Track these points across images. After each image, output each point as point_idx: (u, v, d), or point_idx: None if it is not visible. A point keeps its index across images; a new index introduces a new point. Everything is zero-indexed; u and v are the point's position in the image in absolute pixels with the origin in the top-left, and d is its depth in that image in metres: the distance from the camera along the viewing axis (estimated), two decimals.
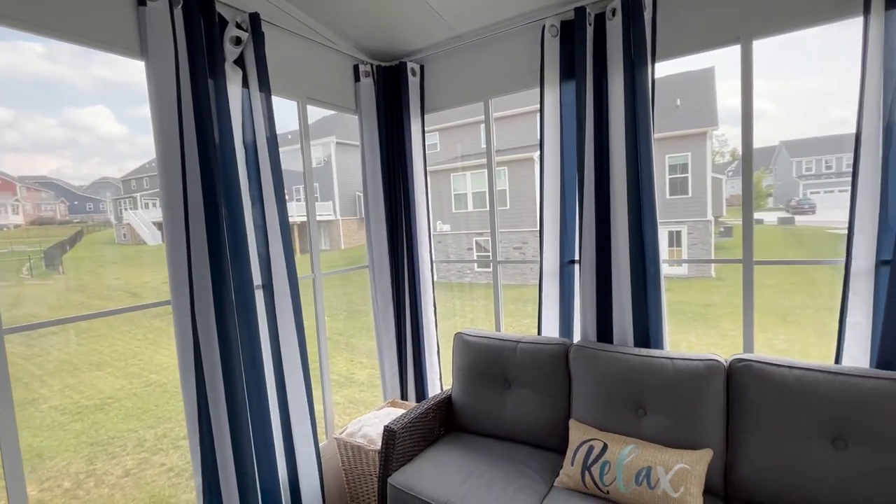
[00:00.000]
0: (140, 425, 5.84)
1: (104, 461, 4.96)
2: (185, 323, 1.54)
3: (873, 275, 1.57)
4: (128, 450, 5.19)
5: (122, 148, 26.18)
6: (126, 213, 16.67)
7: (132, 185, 17.88)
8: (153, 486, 4.48)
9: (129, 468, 4.81)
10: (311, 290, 2.27)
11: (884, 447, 1.34)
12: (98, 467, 4.84)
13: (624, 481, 1.55)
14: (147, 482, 4.56)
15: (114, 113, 30.01)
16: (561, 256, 2.14)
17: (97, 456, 5.08)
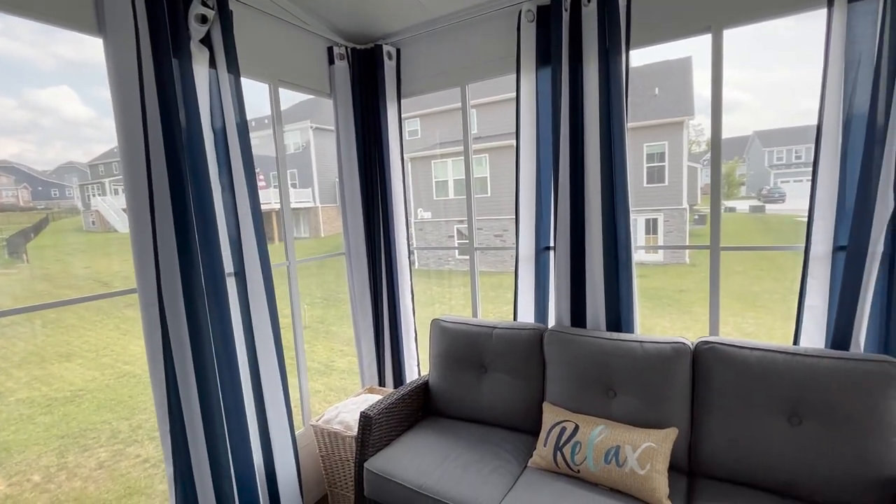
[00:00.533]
0: (114, 417, 5.72)
1: (76, 454, 4.85)
2: (152, 311, 1.51)
3: (830, 260, 1.64)
4: (101, 442, 5.09)
5: (88, 131, 24.95)
6: (94, 199, 16.04)
7: (100, 169, 17.17)
8: (128, 478, 4.41)
9: (103, 460, 4.72)
10: (287, 278, 2.24)
11: (834, 422, 1.42)
12: (70, 460, 4.73)
13: (594, 460, 1.60)
14: (122, 473, 4.49)
15: (78, 94, 28.49)
16: (536, 243, 2.17)
17: (69, 449, 4.97)
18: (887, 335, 1.56)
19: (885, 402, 1.37)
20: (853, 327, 1.57)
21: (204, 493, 1.63)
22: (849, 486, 1.38)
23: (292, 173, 17.23)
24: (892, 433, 1.36)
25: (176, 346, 1.55)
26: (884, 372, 1.38)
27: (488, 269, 12.99)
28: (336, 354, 7.74)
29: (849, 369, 1.43)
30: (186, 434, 1.59)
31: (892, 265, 1.53)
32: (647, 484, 1.49)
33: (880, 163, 1.48)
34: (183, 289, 1.56)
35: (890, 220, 1.50)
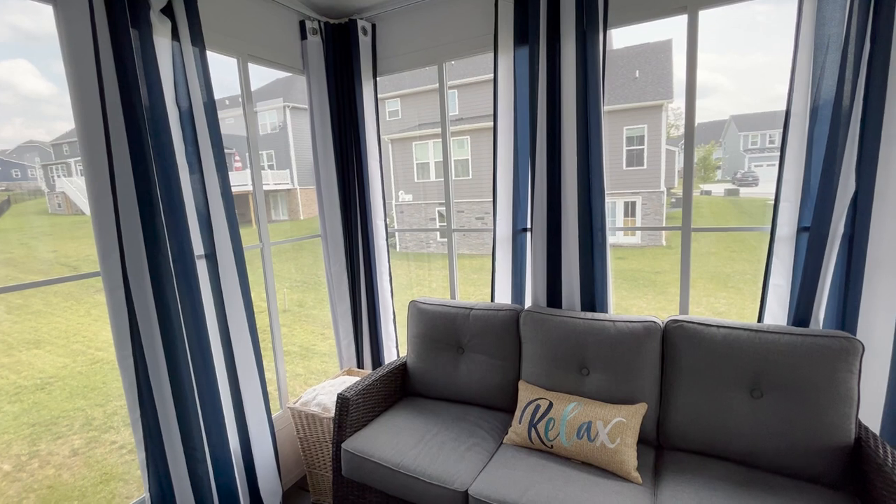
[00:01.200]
0: (87, 404, 5.61)
1: (49, 441, 4.75)
2: (117, 294, 1.46)
3: (794, 240, 1.69)
4: (74, 429, 4.99)
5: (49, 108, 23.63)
6: (59, 180, 15.34)
7: (64, 149, 16.37)
8: (104, 464, 4.35)
9: (77, 447, 4.64)
10: (263, 261, 2.20)
11: (793, 395, 1.49)
12: (42, 448, 4.64)
13: (566, 436, 1.65)
14: (98, 460, 4.42)
15: (38, 68, 26.82)
16: (513, 225, 2.17)
17: (41, 437, 4.86)
18: (844, 312, 1.63)
19: (840, 375, 1.44)
20: (813, 305, 1.64)
21: (178, 478, 1.62)
22: (805, 454, 1.45)
23: (269, 154, 16.78)
24: (846, 404, 1.43)
25: (144, 330, 1.52)
26: (840, 347, 1.45)
27: (470, 252, 13.04)
28: (317, 338, 7.72)
29: (808, 345, 1.49)
30: (159, 419, 1.57)
31: (852, 245, 1.59)
32: (616, 457, 1.55)
33: (844, 148, 1.52)
34: (150, 271, 1.51)
35: (851, 202, 1.56)
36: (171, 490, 1.61)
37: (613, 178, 12.37)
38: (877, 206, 1.53)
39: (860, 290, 1.57)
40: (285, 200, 16.37)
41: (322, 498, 2.16)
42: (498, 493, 1.49)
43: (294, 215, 16.03)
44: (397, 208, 14.47)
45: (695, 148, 1.94)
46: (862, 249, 1.56)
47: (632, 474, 1.52)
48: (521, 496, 1.46)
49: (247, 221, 10.32)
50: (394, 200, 14.46)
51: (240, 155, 15.44)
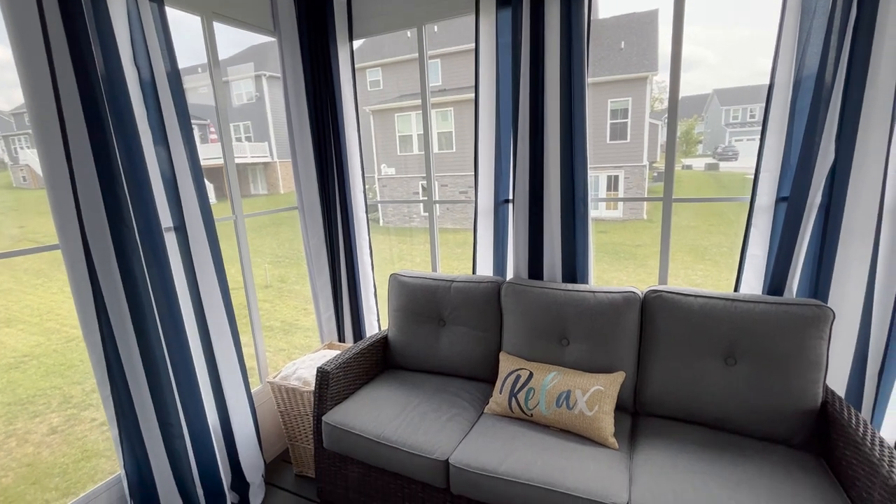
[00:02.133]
0: (64, 382, 5.51)
1: (26, 420, 4.67)
2: (78, 268, 1.39)
3: (772, 211, 1.70)
4: (52, 407, 4.91)
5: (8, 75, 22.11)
6: (22, 151, 14.58)
7: (26, 119, 15.50)
8: (85, 441, 4.31)
9: (56, 425, 4.57)
10: (237, 234, 2.12)
11: (765, 361, 1.53)
12: (20, 427, 4.56)
13: (546, 404, 1.67)
14: (78, 437, 4.37)
15: None
16: (495, 196, 2.13)
17: (17, 415, 4.77)
18: (817, 281, 1.66)
19: (811, 342, 1.48)
20: (788, 274, 1.66)
21: (155, 454, 1.59)
22: (774, 417, 1.51)
23: (246, 126, 16.20)
24: (815, 369, 1.47)
25: (111, 305, 1.45)
26: (812, 315, 1.48)
27: (454, 227, 13.00)
28: (300, 313, 7.67)
29: (781, 313, 1.52)
30: (131, 395, 1.53)
31: (828, 215, 1.61)
32: (594, 424, 1.57)
33: (825, 118, 1.51)
34: (114, 244, 1.44)
35: (829, 172, 1.56)
36: (149, 466, 1.59)
37: (597, 152, 12.36)
38: (854, 175, 1.54)
39: (834, 259, 1.60)
40: (264, 174, 15.93)
41: (305, 470, 2.18)
42: (478, 460, 1.51)
43: (273, 189, 15.65)
44: (380, 182, 14.24)
45: (678, 121, 1.91)
46: (837, 219, 1.58)
47: (609, 440, 1.55)
48: (501, 463, 1.48)
49: (224, 195, 10.02)
50: (376, 174, 14.21)
51: (215, 126, 14.88)
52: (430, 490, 1.63)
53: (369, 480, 1.76)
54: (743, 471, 1.38)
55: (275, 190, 15.71)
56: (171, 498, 1.63)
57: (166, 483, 1.62)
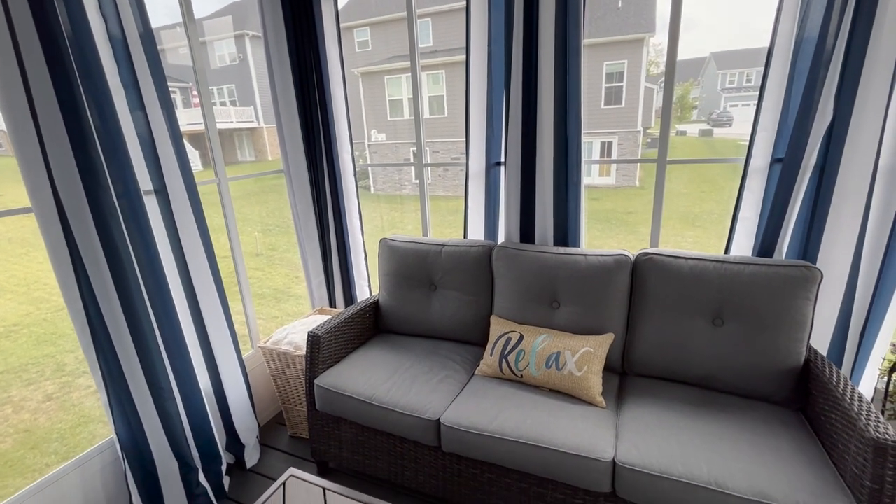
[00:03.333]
0: (56, 350, 5.50)
1: (20, 388, 4.69)
2: (54, 231, 1.34)
3: (767, 172, 1.68)
4: (46, 375, 4.92)
5: None
6: None
7: None
8: (81, 408, 4.35)
9: (51, 392, 4.60)
10: (221, 197, 2.06)
11: (752, 322, 1.55)
12: (14, 394, 4.57)
13: (536, 366, 1.69)
14: (74, 404, 4.41)
15: None
16: (487, 158, 2.09)
17: (11, 383, 4.78)
18: (807, 243, 1.66)
19: (798, 303, 1.49)
20: (779, 236, 1.66)
21: (147, 416, 1.59)
22: (758, 376, 1.54)
23: (230, 89, 15.60)
24: (800, 329, 1.50)
25: (92, 270, 1.41)
26: (801, 276, 1.49)
27: (445, 194, 12.88)
28: (291, 281, 7.66)
29: (770, 274, 1.53)
30: (119, 360, 1.51)
31: (822, 177, 1.59)
32: (582, 384, 1.60)
33: (825, 80, 1.47)
34: (90, 207, 1.38)
35: (826, 133, 1.53)
36: (141, 428, 1.60)
37: (591, 117, 12.15)
38: (851, 135, 1.51)
39: (825, 220, 1.60)
40: (250, 140, 15.49)
41: (299, 431, 2.21)
42: (469, 420, 1.54)
43: (261, 156, 15.27)
44: (370, 148, 13.95)
45: (675, 82, 1.85)
46: (831, 180, 1.56)
47: (597, 399, 1.58)
48: (491, 422, 1.51)
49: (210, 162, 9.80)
50: (366, 140, 13.90)
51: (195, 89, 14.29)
52: (422, 448, 1.67)
53: (362, 440, 1.80)
54: (726, 426, 1.42)
55: (262, 157, 15.33)
56: (165, 459, 1.65)
57: (160, 445, 1.63)
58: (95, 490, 1.61)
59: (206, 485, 1.77)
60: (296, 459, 2.08)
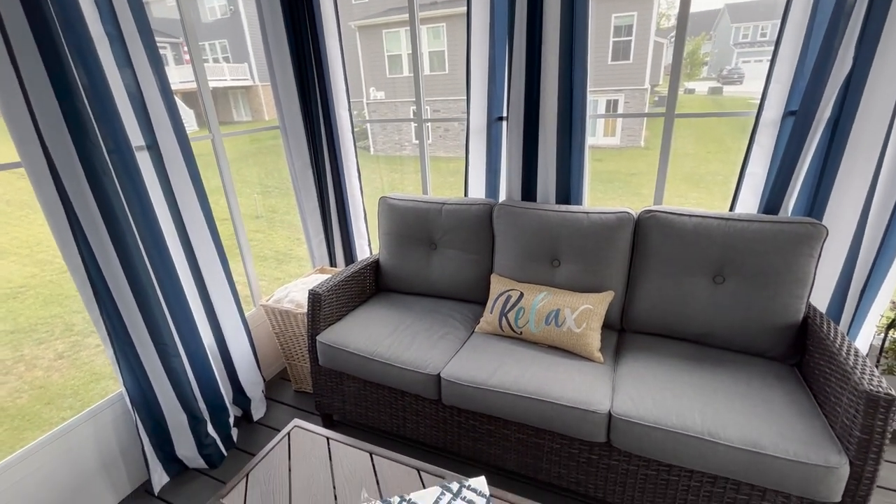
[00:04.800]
0: (64, 311, 5.59)
1: (31, 347, 4.79)
2: (46, 188, 1.32)
3: (778, 126, 1.62)
4: (56, 335, 5.02)
5: None
6: None
7: None
8: (92, 365, 4.46)
9: (62, 351, 4.70)
10: (216, 154, 2.01)
11: (753, 279, 1.54)
12: (27, 353, 4.68)
13: (535, 323, 1.70)
14: (84, 362, 4.52)
15: None
16: (489, 113, 2.02)
17: (22, 342, 4.88)
18: (815, 199, 1.63)
19: (801, 260, 1.48)
20: (786, 193, 1.63)
21: (154, 371, 1.63)
22: (756, 332, 1.55)
23: (222, 45, 15.01)
24: (801, 286, 1.49)
25: (88, 226, 1.40)
26: (806, 232, 1.47)
27: (446, 154, 12.65)
28: (293, 243, 7.66)
29: (775, 231, 1.51)
30: (122, 316, 1.52)
31: (835, 130, 1.54)
32: (581, 340, 1.62)
33: (846, 28, 1.39)
34: (81, 161, 1.35)
35: (843, 83, 1.47)
36: (149, 383, 1.64)
37: (597, 73, 11.68)
38: (869, 85, 1.45)
39: (835, 175, 1.56)
40: (246, 99, 15.05)
41: (303, 386, 2.27)
42: (469, 374, 1.57)
43: (258, 115, 14.88)
44: (369, 107, 13.57)
45: (686, 36, 1.76)
46: (845, 133, 1.51)
47: (595, 354, 1.61)
48: (491, 376, 1.54)
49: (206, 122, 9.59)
50: (364, 99, 13.50)
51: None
52: (423, 401, 1.71)
53: (365, 394, 1.85)
54: (720, 380, 1.44)
55: (259, 116, 14.94)
56: (174, 412, 1.70)
57: (168, 398, 1.67)
58: (109, 440, 1.66)
59: (216, 435, 1.84)
60: (301, 412, 2.15)
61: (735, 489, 1.29)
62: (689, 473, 1.33)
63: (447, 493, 1.13)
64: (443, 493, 1.13)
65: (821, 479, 1.14)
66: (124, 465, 1.72)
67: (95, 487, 1.63)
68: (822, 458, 1.14)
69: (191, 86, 1.86)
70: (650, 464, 1.38)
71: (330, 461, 1.27)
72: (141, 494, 1.74)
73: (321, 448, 1.32)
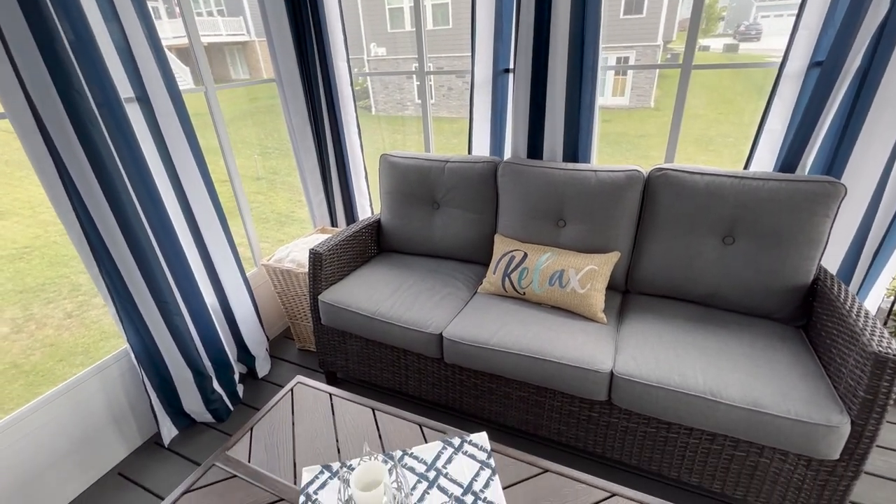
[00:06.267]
0: (70, 271, 5.62)
1: (40, 306, 4.85)
2: (33, 140, 1.27)
3: (802, 77, 1.53)
4: (63, 294, 5.07)
5: None
6: None
7: None
8: (101, 324, 4.53)
9: (70, 311, 4.76)
10: (210, 108, 1.93)
11: (764, 239, 1.50)
12: (36, 312, 4.75)
13: (539, 283, 1.68)
14: (93, 321, 4.58)
15: None
16: (494, 64, 1.91)
17: (31, 302, 4.94)
18: (834, 157, 1.56)
19: (816, 220, 1.43)
20: (805, 150, 1.56)
21: (157, 330, 1.63)
22: (763, 294, 1.52)
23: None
24: (813, 247, 1.45)
25: (80, 180, 1.35)
26: (823, 192, 1.41)
27: (450, 115, 12.31)
28: (295, 205, 7.60)
29: (791, 190, 1.45)
30: (121, 274, 1.51)
31: (863, 82, 1.45)
32: (585, 301, 1.60)
33: None
34: (68, 113, 1.29)
35: (878, 28, 1.36)
36: (153, 340, 1.64)
37: (608, 27, 11.12)
38: None
39: (858, 131, 1.48)
40: (242, 55, 14.53)
41: (307, 345, 2.30)
42: (471, 334, 1.56)
43: (255, 73, 14.41)
44: (370, 64, 13.10)
45: None
46: (873, 85, 1.42)
47: (598, 315, 1.59)
48: (493, 336, 1.54)
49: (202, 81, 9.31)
50: (365, 55, 13.00)
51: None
52: (426, 360, 1.72)
53: (367, 352, 1.86)
54: (725, 341, 1.43)
55: (257, 74, 14.45)
56: (179, 368, 1.72)
57: (172, 355, 1.69)
58: (117, 394, 1.69)
59: (221, 391, 1.87)
60: (305, 370, 2.18)
61: (733, 446, 1.30)
62: (689, 431, 1.35)
63: (449, 448, 1.14)
64: (444, 448, 1.14)
65: (821, 438, 1.15)
66: (134, 418, 1.76)
67: (107, 439, 1.68)
68: (824, 417, 1.14)
69: (185, 41, 1.76)
70: (650, 421, 1.39)
71: (333, 416, 1.29)
72: (151, 446, 1.79)
73: (324, 404, 1.33)
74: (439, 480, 1.05)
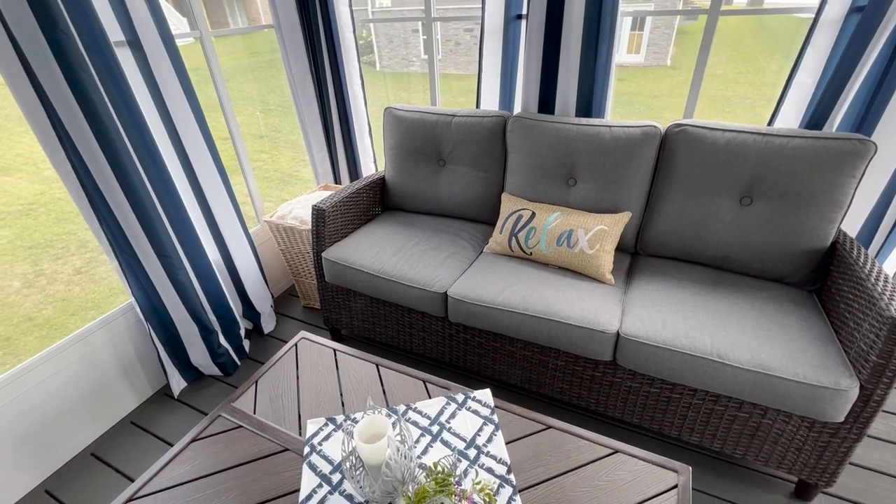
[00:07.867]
0: (77, 228, 5.63)
1: (50, 262, 4.90)
2: (21, 84, 1.21)
3: (840, 25, 1.41)
4: (71, 251, 5.11)
5: None
6: None
7: None
8: (109, 280, 4.58)
9: (79, 267, 4.81)
10: (206, 54, 1.84)
11: (783, 200, 1.43)
12: (46, 267, 4.80)
13: (546, 243, 1.64)
14: (102, 277, 4.63)
15: None
16: (506, 8, 1.79)
17: (41, 258, 4.99)
18: (866, 113, 1.47)
19: (841, 180, 1.36)
20: (835, 105, 1.46)
21: (161, 284, 1.63)
22: (778, 256, 1.48)
23: None
24: (835, 209, 1.39)
25: (72, 128, 1.30)
26: (852, 150, 1.34)
27: (457, 72, 11.89)
28: (298, 164, 7.49)
29: (817, 148, 1.37)
30: (122, 227, 1.49)
31: None
32: (593, 262, 1.57)
33: None
34: (57, 59, 1.22)
35: None
36: (157, 294, 1.64)
37: None
38: None
39: (895, 86, 1.38)
40: (242, 4, 13.92)
41: (311, 302, 2.30)
42: (476, 293, 1.55)
43: (255, 22, 13.86)
44: (375, 16, 12.52)
45: None
46: None
47: (606, 276, 1.56)
48: (498, 295, 1.52)
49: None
50: (369, 6, 12.40)
51: None
52: (430, 318, 1.72)
53: (372, 310, 1.85)
54: (734, 304, 1.40)
55: (256, 23, 13.92)
56: (184, 322, 1.73)
57: (177, 310, 1.69)
58: (125, 346, 1.71)
59: (228, 346, 1.89)
60: (310, 327, 2.20)
61: (737, 407, 1.30)
62: (693, 392, 1.34)
63: (452, 403, 1.14)
64: (448, 403, 1.15)
65: (828, 401, 1.14)
66: (143, 370, 1.79)
67: (117, 389, 1.72)
68: (833, 381, 1.13)
69: None
70: (654, 382, 1.39)
71: (337, 371, 1.29)
72: (161, 397, 1.83)
73: (328, 359, 1.34)
74: (443, 434, 1.06)
